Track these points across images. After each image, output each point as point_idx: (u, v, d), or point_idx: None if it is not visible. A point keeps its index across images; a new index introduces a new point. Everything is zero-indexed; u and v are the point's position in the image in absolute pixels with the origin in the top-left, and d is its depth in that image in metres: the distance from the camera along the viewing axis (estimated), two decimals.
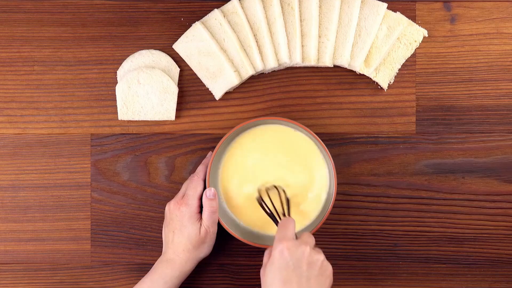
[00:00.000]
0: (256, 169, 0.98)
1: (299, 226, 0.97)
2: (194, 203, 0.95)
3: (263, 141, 0.98)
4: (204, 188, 0.96)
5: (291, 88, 1.02)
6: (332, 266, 0.91)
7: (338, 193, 1.01)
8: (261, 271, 0.87)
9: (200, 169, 0.98)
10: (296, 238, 0.88)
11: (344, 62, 1.00)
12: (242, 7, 1.00)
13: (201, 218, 0.95)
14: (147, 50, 1.01)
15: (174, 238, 0.95)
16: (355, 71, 1.02)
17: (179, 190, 0.99)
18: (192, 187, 0.96)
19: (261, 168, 0.97)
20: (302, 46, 1.00)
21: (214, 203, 0.95)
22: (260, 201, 0.94)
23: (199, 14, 1.02)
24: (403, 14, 1.01)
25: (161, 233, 1.00)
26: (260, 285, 1.02)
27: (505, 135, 1.02)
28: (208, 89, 1.02)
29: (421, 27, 1.02)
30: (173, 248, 0.95)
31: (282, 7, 1.00)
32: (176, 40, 1.02)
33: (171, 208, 0.96)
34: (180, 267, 0.94)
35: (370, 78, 1.02)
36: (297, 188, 0.97)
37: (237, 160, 0.98)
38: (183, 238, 0.94)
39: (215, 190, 0.96)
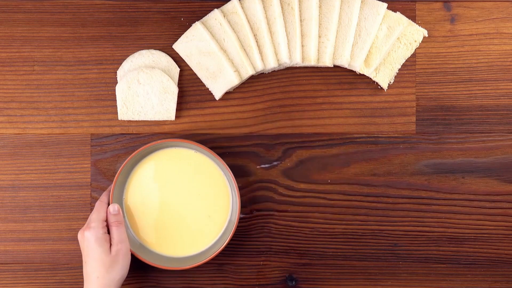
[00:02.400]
0: (159, 193, 0.97)
1: (199, 250, 0.98)
2: (98, 225, 0.92)
3: (167, 165, 0.97)
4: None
5: (291, 88, 1.02)
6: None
7: (338, 193, 1.01)
8: None
9: (104, 194, 0.96)
10: None
11: (344, 62, 1.00)
12: (242, 7, 1.00)
13: (109, 238, 0.93)
14: (147, 50, 1.01)
15: (87, 268, 0.92)
16: (355, 71, 1.02)
17: None
18: (95, 211, 0.94)
19: (164, 192, 0.97)
20: (302, 46, 1.00)
21: (119, 217, 0.94)
22: None
23: (199, 14, 1.02)
24: (403, 14, 1.01)
25: None
26: (260, 285, 1.02)
27: (505, 135, 1.02)
28: (208, 89, 1.02)
29: (421, 27, 1.02)
30: (88, 280, 0.91)
31: (282, 7, 1.00)
32: (176, 40, 1.02)
33: (79, 238, 0.93)
34: None
35: (370, 78, 1.02)
36: (198, 211, 0.97)
37: (140, 185, 0.97)
38: (94, 263, 0.91)
39: (119, 206, 0.95)
